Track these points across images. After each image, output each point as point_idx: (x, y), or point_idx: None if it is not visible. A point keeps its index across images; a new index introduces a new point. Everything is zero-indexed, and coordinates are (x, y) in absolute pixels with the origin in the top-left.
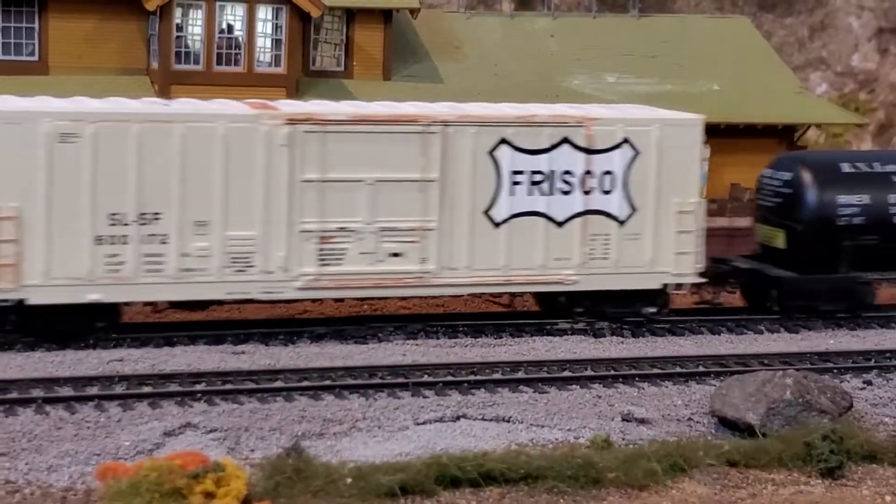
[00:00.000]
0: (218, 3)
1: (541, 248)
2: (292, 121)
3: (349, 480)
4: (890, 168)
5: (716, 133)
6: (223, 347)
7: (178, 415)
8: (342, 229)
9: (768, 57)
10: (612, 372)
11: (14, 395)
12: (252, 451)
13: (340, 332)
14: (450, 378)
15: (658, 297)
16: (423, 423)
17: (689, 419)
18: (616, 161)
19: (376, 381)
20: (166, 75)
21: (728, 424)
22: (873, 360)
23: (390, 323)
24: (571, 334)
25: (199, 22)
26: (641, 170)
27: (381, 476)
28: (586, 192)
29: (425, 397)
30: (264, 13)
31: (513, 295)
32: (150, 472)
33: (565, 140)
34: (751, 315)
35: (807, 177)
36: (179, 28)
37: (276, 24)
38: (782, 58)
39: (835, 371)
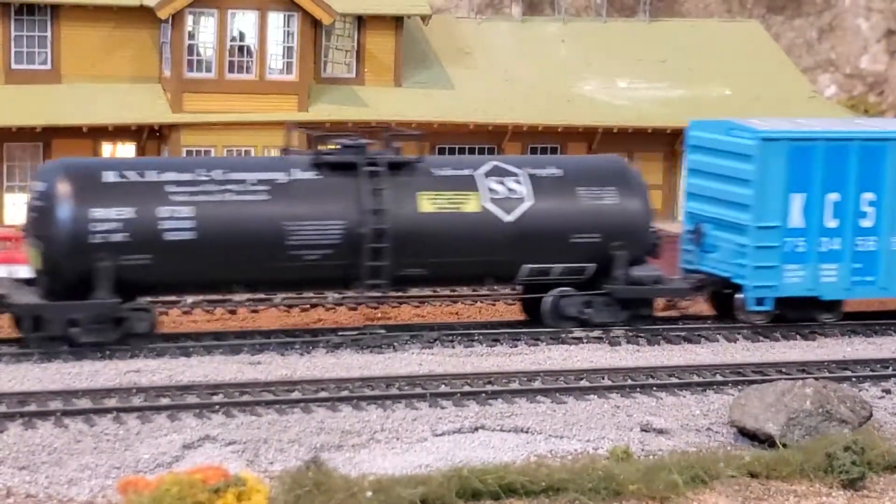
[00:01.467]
0: (229, 11)
1: None
2: None
3: (370, 494)
4: (166, 177)
5: None
6: (239, 358)
7: (197, 427)
8: None
9: (780, 61)
10: (630, 381)
11: (33, 407)
12: (271, 463)
13: (357, 341)
14: (467, 388)
15: None
16: (442, 434)
17: (708, 429)
18: None
19: (394, 391)
20: (178, 83)
21: (747, 435)
22: (891, 369)
23: (405, 331)
24: (587, 342)
25: (211, 30)
26: None
27: (402, 489)
28: None
29: (443, 408)
30: (275, 20)
31: None
32: (172, 486)
33: None
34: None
35: (60, 187)
36: (191, 36)
37: (288, 31)
38: (791, 60)
39: (853, 379)
